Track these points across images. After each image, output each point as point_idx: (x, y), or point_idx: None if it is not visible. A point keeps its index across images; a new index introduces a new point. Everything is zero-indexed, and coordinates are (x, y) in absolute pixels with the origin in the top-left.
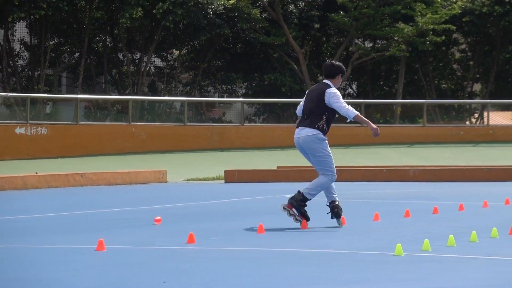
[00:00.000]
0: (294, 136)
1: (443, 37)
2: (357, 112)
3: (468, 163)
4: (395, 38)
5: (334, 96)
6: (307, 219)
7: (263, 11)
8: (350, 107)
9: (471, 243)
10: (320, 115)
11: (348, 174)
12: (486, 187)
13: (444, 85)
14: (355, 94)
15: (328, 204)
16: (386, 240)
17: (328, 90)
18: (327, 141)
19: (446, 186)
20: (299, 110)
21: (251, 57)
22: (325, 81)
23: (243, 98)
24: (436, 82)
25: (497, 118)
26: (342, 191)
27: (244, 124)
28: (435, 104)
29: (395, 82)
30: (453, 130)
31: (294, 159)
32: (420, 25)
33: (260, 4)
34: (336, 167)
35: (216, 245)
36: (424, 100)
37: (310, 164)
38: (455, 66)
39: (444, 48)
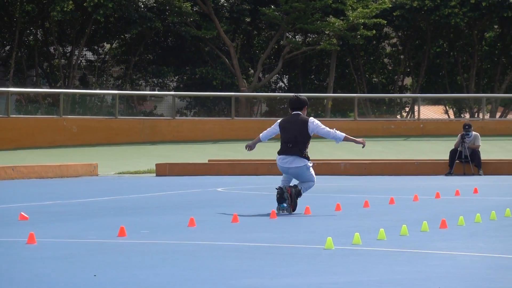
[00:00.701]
0: (280, 163)
1: (374, 31)
2: (344, 134)
3: (399, 157)
4: (326, 32)
5: (318, 124)
6: (294, 209)
7: (194, 5)
8: (336, 131)
9: (401, 236)
10: (305, 144)
11: None
12: (416, 181)
13: (375, 79)
14: (286, 88)
15: (292, 186)
16: (317, 233)
17: (311, 120)
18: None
19: (377, 179)
20: (264, 136)
21: (182, 51)
22: (296, 112)
23: (174, 91)
24: (367, 76)
25: (427, 112)
26: (274, 185)
27: (176, 118)
28: (366, 98)
29: (326, 76)
30: (384, 124)
31: (225, 152)
32: (351, 19)
33: None
34: (267, 161)
35: (147, 239)
36: (355, 94)
37: (241, 158)
38: (386, 60)
39: (375, 42)
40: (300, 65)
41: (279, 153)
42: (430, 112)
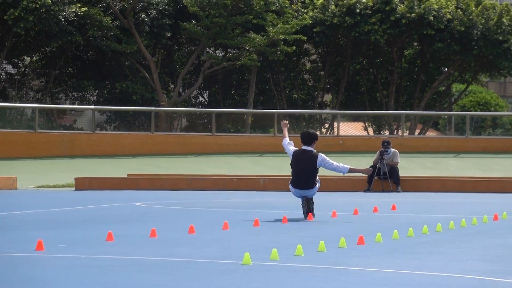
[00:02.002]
0: (295, 192)
1: (294, 47)
2: (348, 166)
3: (318, 173)
4: (247, 48)
5: (325, 159)
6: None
7: (115, 19)
8: (340, 164)
9: (319, 252)
10: (315, 175)
11: (199, 183)
12: (335, 197)
13: (295, 95)
14: (206, 103)
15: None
16: (235, 249)
17: (320, 157)
18: None
19: None
20: (285, 143)
21: (102, 65)
22: (306, 147)
23: (94, 105)
24: (287, 92)
25: (347, 129)
26: (193, 200)
27: (95, 132)
28: (286, 114)
29: (246, 91)
30: None
31: (144, 167)
32: (271, 35)
33: (112, 12)
34: (186, 175)
35: (65, 253)
36: (275, 110)
37: (160, 173)
38: (306, 76)
39: (295, 58)
40: (221, 80)
41: (294, 185)
42: (349, 129)
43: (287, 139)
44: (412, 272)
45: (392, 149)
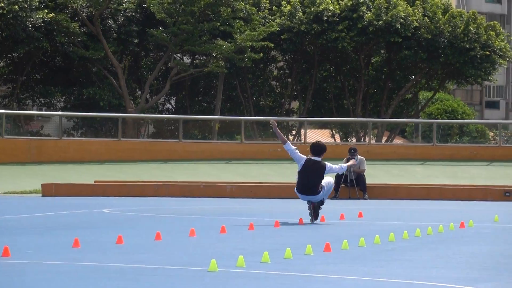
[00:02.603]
0: (301, 197)
1: (261, 54)
2: (346, 165)
3: (285, 180)
4: (214, 54)
5: (331, 167)
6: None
7: (82, 25)
8: (338, 165)
9: (285, 259)
10: (320, 183)
11: (166, 189)
12: (301, 204)
13: (262, 102)
14: (173, 110)
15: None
16: (201, 255)
17: (327, 165)
18: None
19: (263, 202)
20: (289, 148)
21: (69, 71)
22: (315, 158)
23: (61, 111)
24: (254, 98)
25: (314, 136)
26: (159, 207)
27: (62, 138)
28: (253, 121)
29: (213, 98)
30: (271, 147)
31: (111, 173)
32: (239, 42)
33: (79, 18)
34: (153, 182)
35: (31, 259)
36: (242, 117)
37: (127, 179)
38: (273, 83)
39: (262, 65)
40: (188, 87)
41: (300, 192)
42: (316, 136)
43: (290, 144)
44: (378, 280)
45: (359, 156)
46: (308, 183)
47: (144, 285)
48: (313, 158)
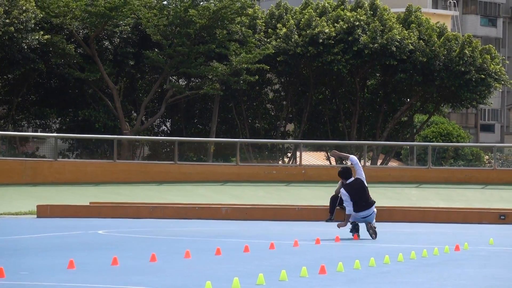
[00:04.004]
0: (361, 215)
1: (257, 77)
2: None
3: (280, 202)
4: (209, 77)
5: (363, 176)
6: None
7: (78, 47)
8: (356, 162)
9: (280, 281)
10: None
11: (161, 211)
12: (297, 226)
13: (257, 124)
14: (169, 132)
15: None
16: (197, 277)
17: (362, 178)
18: None
19: (258, 224)
20: (358, 163)
21: (65, 93)
22: (349, 180)
23: (56, 133)
24: (249, 121)
25: (309, 158)
26: (154, 228)
27: (58, 159)
28: (248, 143)
29: (209, 120)
30: (266, 169)
31: (106, 195)
32: (234, 64)
33: (75, 40)
34: (148, 204)
35: (27, 280)
36: (237, 139)
37: (122, 201)
38: (268, 105)
39: (258, 87)
40: (183, 109)
41: (358, 210)
42: (312, 158)
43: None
44: None
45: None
46: (362, 198)
47: None
48: (348, 181)
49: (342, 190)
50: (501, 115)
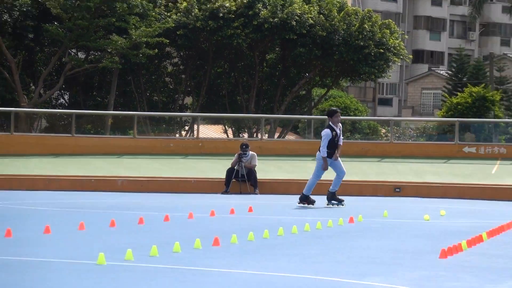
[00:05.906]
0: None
1: (156, 50)
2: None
3: (177, 174)
4: (109, 50)
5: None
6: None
7: None
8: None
9: (174, 253)
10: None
11: (57, 183)
12: (193, 199)
13: (156, 98)
14: (67, 105)
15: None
16: (90, 249)
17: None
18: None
19: (154, 197)
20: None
21: None
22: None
23: None
24: (148, 94)
25: (207, 131)
26: (49, 200)
27: None
28: (146, 116)
29: (107, 93)
30: (163, 142)
31: (2, 167)
32: (134, 37)
33: None
34: (44, 176)
35: None
36: (134, 112)
37: (18, 173)
38: (167, 79)
39: (157, 61)
40: (82, 82)
41: (330, 157)
42: (210, 131)
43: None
44: (267, 273)
45: (250, 152)
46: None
47: (31, 278)
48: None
49: (328, 131)
50: (399, 89)
